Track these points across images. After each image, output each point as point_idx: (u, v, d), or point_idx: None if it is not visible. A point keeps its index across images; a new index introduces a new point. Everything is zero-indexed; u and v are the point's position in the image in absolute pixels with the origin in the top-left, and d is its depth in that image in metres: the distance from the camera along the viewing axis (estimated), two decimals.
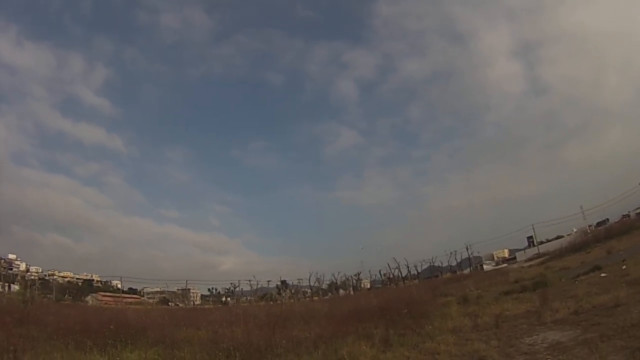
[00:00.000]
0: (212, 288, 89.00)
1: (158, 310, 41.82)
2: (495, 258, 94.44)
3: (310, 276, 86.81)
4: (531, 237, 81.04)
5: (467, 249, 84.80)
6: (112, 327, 17.74)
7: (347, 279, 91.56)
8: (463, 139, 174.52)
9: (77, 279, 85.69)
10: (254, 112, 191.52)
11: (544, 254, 63.75)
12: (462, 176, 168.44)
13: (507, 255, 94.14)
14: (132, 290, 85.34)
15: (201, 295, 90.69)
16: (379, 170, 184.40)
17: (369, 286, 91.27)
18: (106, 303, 60.94)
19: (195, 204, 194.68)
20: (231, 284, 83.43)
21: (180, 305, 73.84)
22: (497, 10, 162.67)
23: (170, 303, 76.18)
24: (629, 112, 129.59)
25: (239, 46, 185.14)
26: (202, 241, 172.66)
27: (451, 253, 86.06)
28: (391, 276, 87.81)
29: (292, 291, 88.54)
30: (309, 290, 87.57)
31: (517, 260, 77.79)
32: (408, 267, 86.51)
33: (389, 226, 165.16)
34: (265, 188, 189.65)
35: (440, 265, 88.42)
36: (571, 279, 26.57)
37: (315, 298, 74.31)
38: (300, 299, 73.80)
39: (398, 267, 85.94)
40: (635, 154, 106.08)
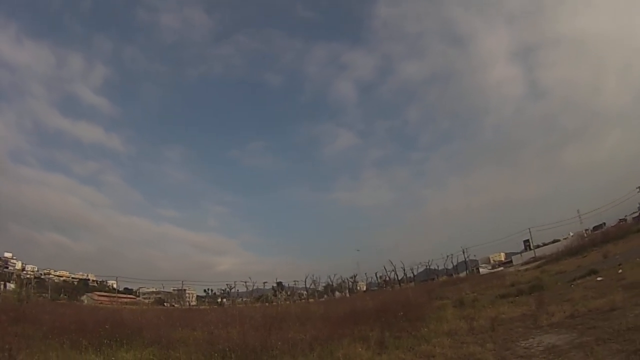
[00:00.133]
0: (208, 289, 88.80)
1: (154, 310, 41.66)
2: (492, 261, 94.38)
3: (306, 278, 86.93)
4: (528, 240, 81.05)
5: (464, 252, 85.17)
6: (107, 327, 17.72)
7: (343, 281, 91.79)
8: (461, 141, 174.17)
9: (73, 278, 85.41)
10: (253, 113, 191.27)
11: (540, 258, 63.84)
12: (460, 179, 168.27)
13: (503, 258, 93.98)
14: (127, 290, 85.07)
15: (197, 296, 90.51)
16: (377, 172, 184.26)
17: (365, 289, 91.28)
18: (101, 303, 60.67)
19: (194, 203, 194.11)
20: (227, 285, 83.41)
21: (176, 305, 73.73)
22: (497, 13, 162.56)
23: (165, 303, 76.03)
24: (627, 116, 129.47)
25: (239, 46, 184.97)
26: (200, 241, 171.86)
27: (447, 256, 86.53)
28: (387, 279, 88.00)
29: (288, 293, 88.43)
30: (305, 292, 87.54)
31: (514, 263, 77.89)
32: (404, 269, 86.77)
33: (385, 228, 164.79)
34: (263, 188, 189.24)
35: (437, 268, 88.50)
36: (567, 282, 26.63)
37: (311, 300, 74.23)
38: (296, 301, 73.71)
39: (394, 270, 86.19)
40: (633, 158, 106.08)
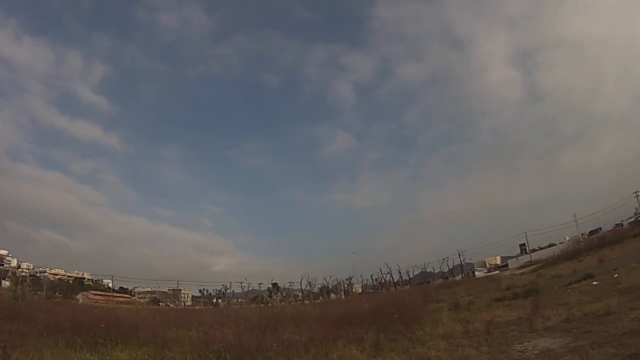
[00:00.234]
0: (204, 289, 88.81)
1: (149, 310, 41.64)
2: (487, 265, 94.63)
3: (302, 279, 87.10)
4: (524, 244, 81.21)
5: (460, 255, 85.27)
6: (102, 326, 17.71)
7: (339, 283, 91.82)
8: (459, 144, 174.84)
9: (68, 276, 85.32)
10: (251, 113, 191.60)
11: (536, 262, 63.86)
12: (457, 182, 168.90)
13: (499, 262, 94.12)
14: (123, 290, 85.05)
15: (192, 296, 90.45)
16: (374, 174, 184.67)
17: (360, 291, 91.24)
18: (97, 302, 60.65)
19: (190, 203, 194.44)
20: (222, 285, 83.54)
21: (171, 305, 73.61)
22: (496, 17, 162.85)
23: (161, 303, 75.91)
24: (625, 121, 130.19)
25: (238, 46, 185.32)
26: (196, 241, 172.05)
27: (443, 259, 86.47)
28: (383, 281, 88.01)
29: (284, 294, 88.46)
30: (301, 294, 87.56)
31: (509, 267, 77.84)
32: (400, 272, 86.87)
33: (382, 230, 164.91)
34: (260, 189, 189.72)
35: (432, 271, 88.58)
36: (563, 286, 26.66)
37: (307, 302, 74.24)
38: (292, 302, 73.73)
39: (390, 272, 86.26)
40: (630, 163, 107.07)
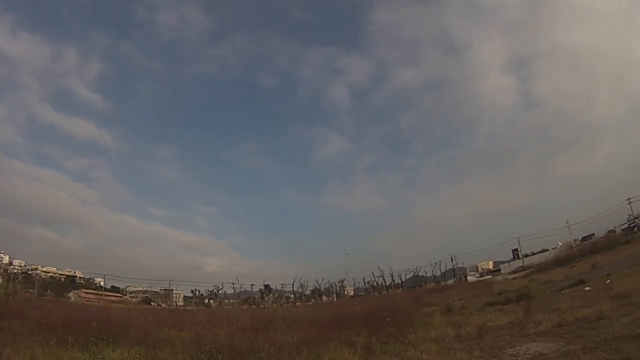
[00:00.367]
0: (195, 290, 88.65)
1: (141, 309, 41.49)
2: (480, 269, 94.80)
3: (294, 281, 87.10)
4: (516, 249, 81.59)
5: (452, 259, 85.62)
6: (94, 325, 17.62)
7: (331, 286, 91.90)
8: (454, 150, 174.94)
9: (60, 274, 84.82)
10: (247, 114, 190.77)
11: (528, 267, 64.13)
12: (450, 187, 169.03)
13: (491, 267, 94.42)
14: (114, 289, 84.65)
15: (184, 296, 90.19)
16: (368, 178, 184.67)
17: (352, 293, 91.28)
18: (89, 300, 60.37)
19: (184, 203, 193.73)
20: (214, 286, 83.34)
21: (163, 305, 73.30)
22: (493, 24, 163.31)
23: (152, 303, 75.56)
24: (619, 129, 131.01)
25: (235, 46, 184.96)
26: (189, 241, 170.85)
27: (436, 263, 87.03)
28: (375, 284, 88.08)
29: (276, 296, 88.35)
30: (293, 296, 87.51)
31: (502, 272, 78.17)
32: (392, 275, 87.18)
33: (375, 234, 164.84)
34: (253, 190, 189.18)
35: (425, 275, 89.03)
36: (555, 292, 26.78)
37: (299, 303, 74.19)
38: (283, 304, 73.65)
39: (382, 276, 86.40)
40: (623, 170, 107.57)
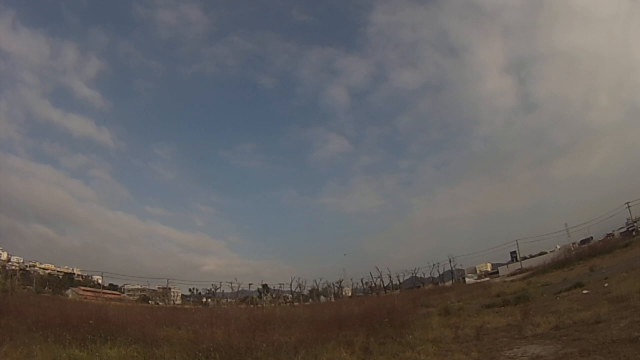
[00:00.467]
0: (193, 288, 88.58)
1: (139, 307, 41.47)
2: (478, 271, 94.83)
3: (292, 281, 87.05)
4: (514, 252, 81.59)
5: (450, 261, 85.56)
6: (92, 323, 17.61)
7: (329, 286, 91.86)
8: (451, 151, 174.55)
9: (58, 271, 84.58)
10: (245, 114, 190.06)
11: (526, 269, 64.19)
12: (448, 188, 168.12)
13: (489, 269, 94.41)
14: (112, 287, 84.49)
15: (182, 295, 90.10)
16: (365, 178, 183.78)
17: (350, 294, 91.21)
18: (86, 298, 60.35)
19: (181, 202, 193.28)
20: (212, 285, 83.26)
21: (161, 304, 73.21)
22: (492, 26, 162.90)
23: (150, 301, 75.44)
24: (617, 133, 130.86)
25: (233, 46, 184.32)
26: (186, 240, 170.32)
27: (434, 265, 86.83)
28: (373, 285, 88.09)
29: (273, 295, 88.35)
30: (290, 296, 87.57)
31: (500, 274, 78.14)
32: (390, 276, 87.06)
33: (372, 234, 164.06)
34: (251, 190, 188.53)
35: (423, 276, 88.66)
36: (553, 294, 26.79)
37: (296, 304, 74.22)
38: (281, 304, 73.69)
39: (380, 277, 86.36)
40: (622, 174, 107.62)
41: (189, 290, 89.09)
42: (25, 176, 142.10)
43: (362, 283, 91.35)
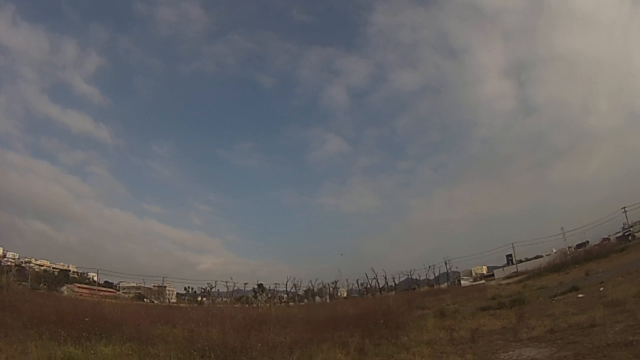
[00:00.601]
0: (189, 287, 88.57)
1: (134, 305, 41.40)
2: (474, 274, 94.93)
3: (287, 281, 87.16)
4: (510, 255, 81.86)
5: (446, 263, 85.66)
6: (87, 320, 17.58)
7: (324, 287, 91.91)
8: (449, 153, 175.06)
9: (54, 268, 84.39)
10: (244, 113, 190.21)
11: (522, 273, 64.43)
12: (445, 190, 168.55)
13: (485, 271, 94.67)
14: (108, 284, 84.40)
15: (177, 293, 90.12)
16: (363, 179, 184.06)
17: (345, 295, 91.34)
18: (82, 295, 60.10)
19: (179, 200, 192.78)
20: (208, 284, 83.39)
21: (156, 302, 73.13)
22: (492, 29, 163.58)
23: (145, 299, 75.42)
24: (616, 138, 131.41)
25: (233, 45, 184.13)
26: (183, 238, 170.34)
27: (430, 267, 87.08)
28: (369, 286, 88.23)
29: (269, 295, 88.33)
30: (286, 295, 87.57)
31: (495, 277, 78.36)
32: (386, 278, 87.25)
33: (369, 235, 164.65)
34: (249, 189, 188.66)
35: (418, 278, 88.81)
36: (549, 298, 26.82)
37: (292, 304, 74.23)
38: (276, 304, 73.69)
39: (376, 278, 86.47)
40: (619, 179, 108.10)
41: (185, 288, 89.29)
42: (23, 172, 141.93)
43: (358, 284, 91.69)
